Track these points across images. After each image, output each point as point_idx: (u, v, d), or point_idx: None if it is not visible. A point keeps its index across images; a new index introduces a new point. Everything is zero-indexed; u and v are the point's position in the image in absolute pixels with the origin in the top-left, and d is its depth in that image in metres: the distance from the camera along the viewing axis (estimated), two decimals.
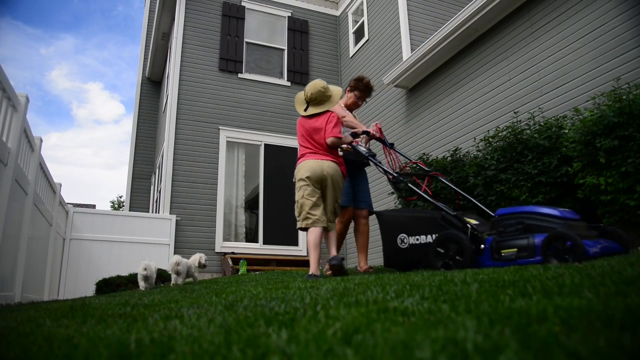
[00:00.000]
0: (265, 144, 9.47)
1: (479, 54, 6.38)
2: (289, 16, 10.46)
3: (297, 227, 3.53)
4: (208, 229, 8.55)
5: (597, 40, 4.69)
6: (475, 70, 6.40)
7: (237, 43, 9.81)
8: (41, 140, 4.84)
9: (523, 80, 5.58)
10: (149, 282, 4.67)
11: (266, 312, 1.36)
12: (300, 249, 9.03)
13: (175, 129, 8.81)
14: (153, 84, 12.40)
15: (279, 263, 8.40)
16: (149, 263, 4.67)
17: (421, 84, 7.56)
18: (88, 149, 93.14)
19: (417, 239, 3.30)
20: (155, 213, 9.80)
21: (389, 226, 3.54)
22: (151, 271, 4.68)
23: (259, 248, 8.80)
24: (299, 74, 10.19)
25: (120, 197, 28.14)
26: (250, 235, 9.18)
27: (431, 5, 8.66)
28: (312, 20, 10.74)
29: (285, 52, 10.25)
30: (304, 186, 3.48)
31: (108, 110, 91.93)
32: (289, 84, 10.05)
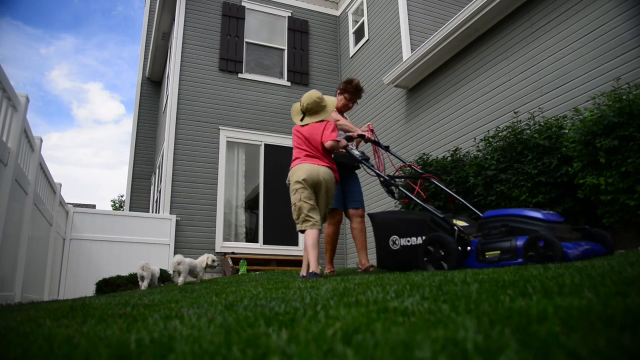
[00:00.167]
0: (265, 144, 9.47)
1: (479, 54, 6.38)
2: (289, 16, 10.46)
3: (297, 230, 3.55)
4: (208, 229, 8.55)
5: (597, 40, 4.69)
6: (475, 71, 6.40)
7: (237, 43, 9.81)
8: (41, 140, 4.85)
9: (523, 80, 5.58)
10: (148, 283, 4.69)
11: (266, 312, 1.36)
12: (300, 249, 9.03)
13: (176, 129, 8.81)
14: (153, 84, 12.40)
15: (279, 263, 8.40)
16: (146, 263, 4.69)
17: (421, 84, 7.56)
18: (88, 149, 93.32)
19: (408, 241, 3.36)
20: (156, 213, 9.80)
21: (381, 228, 3.60)
22: (149, 271, 4.69)
23: (259, 248, 8.80)
24: (299, 74, 10.18)
25: (122, 196, 28.08)
26: (250, 235, 9.18)
27: (431, 5, 8.66)
28: (312, 20, 10.74)
29: (285, 52, 10.25)
30: (300, 189, 3.48)
31: (108, 110, 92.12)
32: (289, 84, 10.05)
